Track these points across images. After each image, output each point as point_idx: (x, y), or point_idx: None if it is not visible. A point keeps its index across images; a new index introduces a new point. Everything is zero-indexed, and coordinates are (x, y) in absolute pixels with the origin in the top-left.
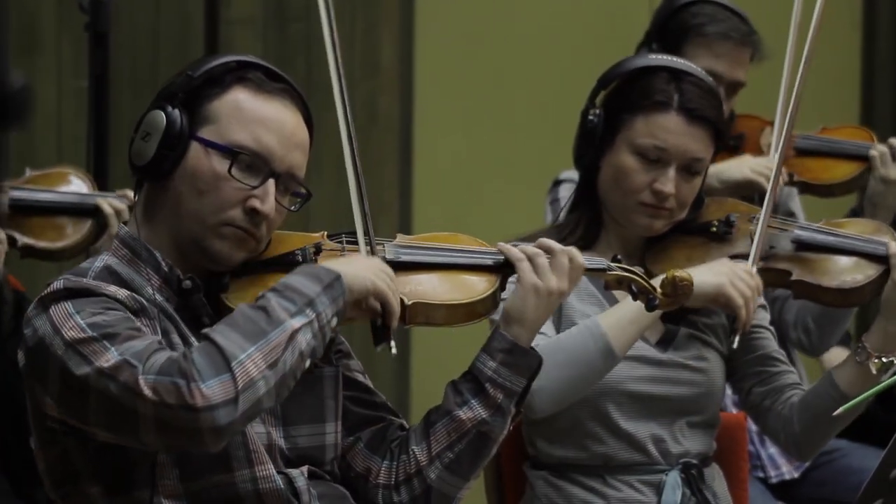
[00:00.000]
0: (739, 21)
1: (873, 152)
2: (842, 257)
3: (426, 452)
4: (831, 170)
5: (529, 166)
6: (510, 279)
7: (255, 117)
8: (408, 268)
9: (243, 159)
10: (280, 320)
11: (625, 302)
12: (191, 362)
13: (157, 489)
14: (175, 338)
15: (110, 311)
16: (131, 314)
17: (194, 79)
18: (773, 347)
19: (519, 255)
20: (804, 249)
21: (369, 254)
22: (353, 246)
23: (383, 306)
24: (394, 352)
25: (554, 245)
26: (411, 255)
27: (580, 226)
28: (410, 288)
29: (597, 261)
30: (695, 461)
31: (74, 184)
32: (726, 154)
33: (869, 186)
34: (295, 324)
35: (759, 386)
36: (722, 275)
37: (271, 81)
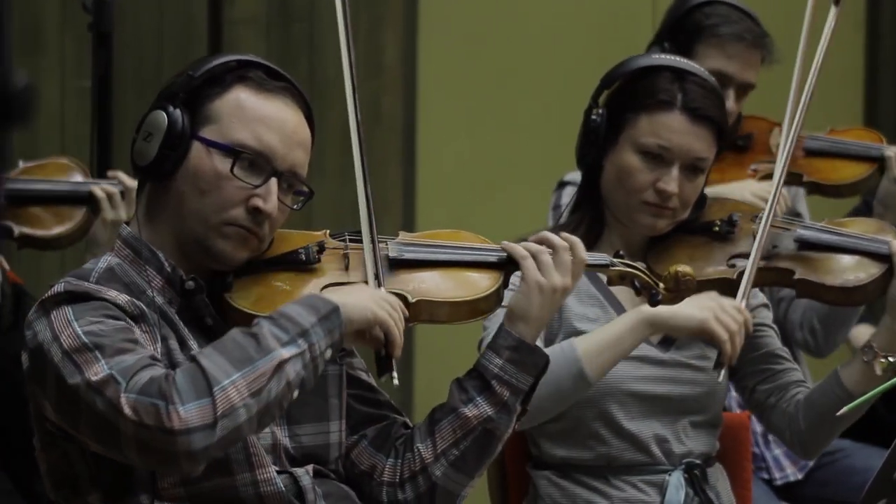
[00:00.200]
0: (752, 23)
1: (889, 153)
2: (845, 256)
3: (431, 450)
4: (841, 170)
5: (533, 166)
6: (513, 276)
7: (257, 116)
8: (411, 265)
9: (245, 158)
10: (269, 348)
11: (609, 324)
12: (172, 383)
13: (157, 493)
14: (173, 343)
15: (109, 318)
16: (131, 320)
17: (195, 78)
18: (776, 345)
19: (523, 252)
20: (807, 248)
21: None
22: (356, 244)
23: (386, 336)
24: (396, 383)
25: (554, 240)
26: (414, 253)
27: (583, 225)
28: (414, 285)
29: (599, 256)
30: (698, 461)
31: (68, 173)
32: (734, 154)
33: (881, 187)
34: (284, 353)
35: (763, 384)
36: (706, 309)
37: (272, 80)
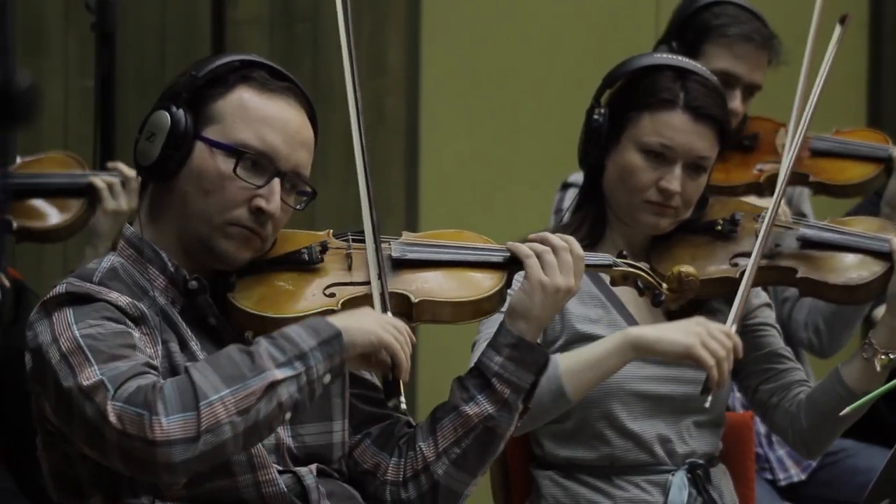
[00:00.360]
0: (760, 24)
1: None
2: (847, 254)
3: (433, 448)
4: (847, 171)
5: (536, 167)
6: (517, 276)
7: (260, 116)
8: (414, 265)
9: (248, 158)
10: (262, 368)
11: (594, 343)
12: (159, 393)
13: (159, 495)
14: (173, 346)
15: (109, 321)
16: (131, 322)
17: (198, 79)
18: (779, 344)
19: (527, 251)
20: (809, 247)
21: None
22: (359, 244)
23: (392, 360)
24: (403, 408)
25: (553, 240)
26: (417, 253)
27: (585, 225)
28: (417, 285)
29: (602, 257)
30: (701, 461)
31: (65, 167)
32: (740, 155)
33: (889, 188)
34: (278, 374)
35: (766, 383)
36: (693, 335)
37: (275, 80)
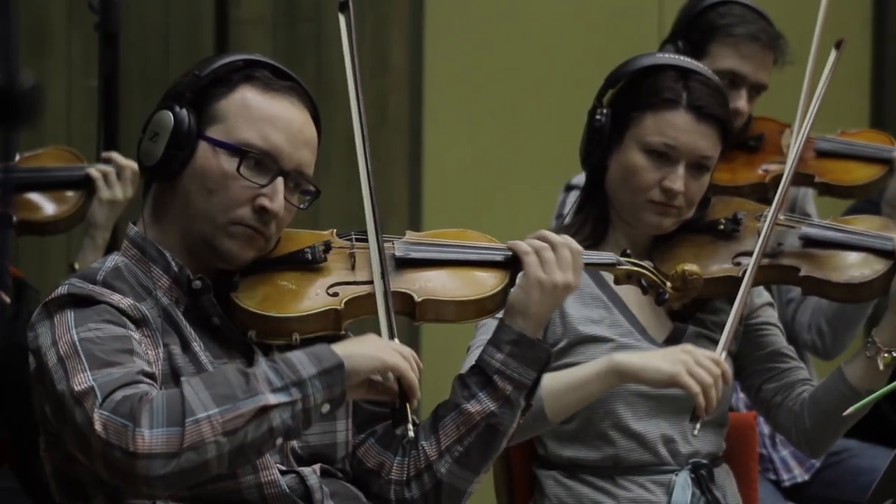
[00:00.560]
0: (766, 24)
1: None
2: (850, 253)
3: (435, 447)
4: (852, 172)
5: (539, 167)
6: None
7: (263, 116)
8: (417, 264)
9: (251, 158)
10: (256, 391)
11: (579, 367)
12: (146, 405)
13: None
14: (175, 348)
15: (109, 324)
16: (132, 324)
17: (201, 78)
18: (781, 343)
19: (526, 248)
20: (812, 246)
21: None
22: (362, 244)
23: (400, 383)
24: (411, 435)
25: (552, 237)
26: (421, 252)
27: (587, 225)
28: (420, 284)
29: (606, 255)
30: (704, 461)
31: (64, 161)
32: (745, 155)
33: (889, 188)
34: (271, 399)
35: (769, 382)
36: (678, 363)
37: (278, 80)
